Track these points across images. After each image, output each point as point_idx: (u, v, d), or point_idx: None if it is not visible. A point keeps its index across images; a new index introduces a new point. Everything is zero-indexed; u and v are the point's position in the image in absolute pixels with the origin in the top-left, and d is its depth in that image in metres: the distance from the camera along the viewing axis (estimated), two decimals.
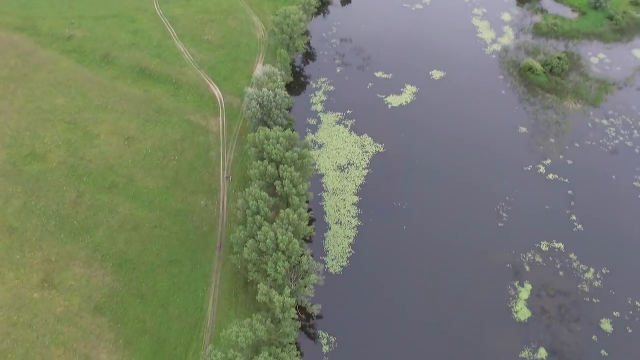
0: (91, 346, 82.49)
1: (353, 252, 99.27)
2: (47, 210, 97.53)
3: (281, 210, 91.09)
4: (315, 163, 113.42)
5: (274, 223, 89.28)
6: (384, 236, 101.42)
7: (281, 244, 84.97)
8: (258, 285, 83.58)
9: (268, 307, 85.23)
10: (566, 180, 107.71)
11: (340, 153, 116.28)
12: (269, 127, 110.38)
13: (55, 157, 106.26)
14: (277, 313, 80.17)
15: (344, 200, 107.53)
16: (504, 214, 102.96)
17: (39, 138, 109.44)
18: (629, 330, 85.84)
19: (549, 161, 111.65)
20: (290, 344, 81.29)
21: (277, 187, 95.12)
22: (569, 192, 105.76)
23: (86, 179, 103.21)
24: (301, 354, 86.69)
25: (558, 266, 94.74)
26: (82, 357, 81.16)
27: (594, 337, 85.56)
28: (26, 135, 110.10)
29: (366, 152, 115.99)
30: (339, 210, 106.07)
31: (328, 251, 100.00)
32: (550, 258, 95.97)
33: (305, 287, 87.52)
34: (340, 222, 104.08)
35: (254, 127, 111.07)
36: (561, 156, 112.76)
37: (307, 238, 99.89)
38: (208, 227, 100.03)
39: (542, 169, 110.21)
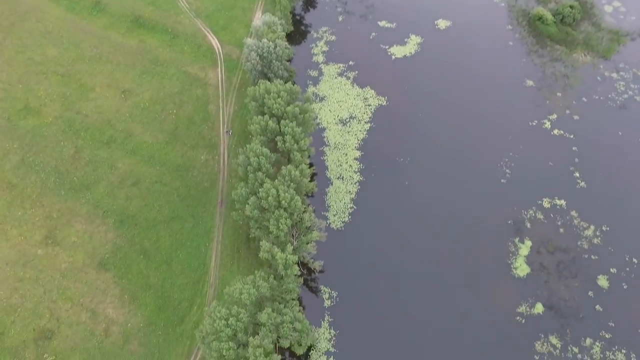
0: (97, 301, 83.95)
1: (355, 207, 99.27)
2: (46, 166, 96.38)
3: (283, 167, 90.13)
4: (317, 117, 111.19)
5: (276, 180, 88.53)
6: (385, 192, 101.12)
7: (283, 201, 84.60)
8: (260, 242, 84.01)
9: (270, 263, 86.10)
10: (572, 137, 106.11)
11: (342, 106, 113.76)
12: (269, 79, 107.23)
13: (50, 111, 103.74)
14: (279, 270, 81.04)
15: (346, 154, 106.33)
16: (507, 170, 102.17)
17: (33, 91, 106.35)
18: (625, 287, 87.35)
19: (555, 116, 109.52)
20: (293, 299, 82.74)
21: (278, 142, 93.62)
22: (574, 148, 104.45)
23: (84, 134, 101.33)
24: (303, 308, 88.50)
25: (559, 223, 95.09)
26: (89, 312, 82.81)
27: (590, 292, 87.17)
28: (19, 88, 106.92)
29: (369, 105, 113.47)
30: (340, 165, 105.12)
31: (330, 206, 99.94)
32: (552, 215, 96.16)
33: (308, 244, 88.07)
34: (342, 177, 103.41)
35: (253, 80, 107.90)
36: (568, 111, 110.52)
37: (309, 194, 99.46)
38: (209, 183, 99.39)
39: (547, 125, 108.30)
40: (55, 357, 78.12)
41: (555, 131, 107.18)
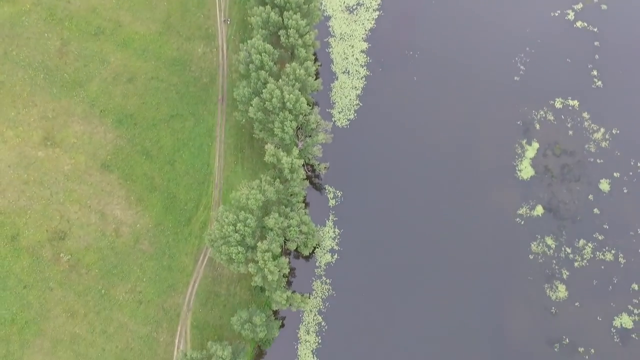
0: (104, 203, 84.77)
1: (361, 104, 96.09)
2: (32, 62, 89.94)
3: (287, 64, 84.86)
4: (322, 3, 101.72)
5: (280, 79, 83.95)
6: (393, 87, 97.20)
7: (288, 103, 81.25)
8: (265, 146, 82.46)
9: (275, 165, 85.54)
10: (595, 30, 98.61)
11: None
12: None
13: None
14: (285, 173, 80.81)
15: (352, 47, 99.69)
16: (522, 67, 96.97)
17: None
18: (625, 191, 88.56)
19: (580, 6, 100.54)
20: (299, 202, 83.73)
21: (281, 37, 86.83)
22: (596, 43, 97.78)
23: (68, 24, 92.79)
24: (307, 205, 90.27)
25: (569, 125, 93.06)
26: (97, 214, 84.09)
27: (590, 196, 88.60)
28: None
29: None
30: (346, 59, 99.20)
31: (335, 103, 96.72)
32: (563, 116, 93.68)
33: (314, 146, 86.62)
34: (348, 71, 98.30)
35: None
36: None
37: (314, 92, 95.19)
38: (208, 78, 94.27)
39: (570, 15, 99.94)
40: (71, 256, 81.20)
41: (579, 23, 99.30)
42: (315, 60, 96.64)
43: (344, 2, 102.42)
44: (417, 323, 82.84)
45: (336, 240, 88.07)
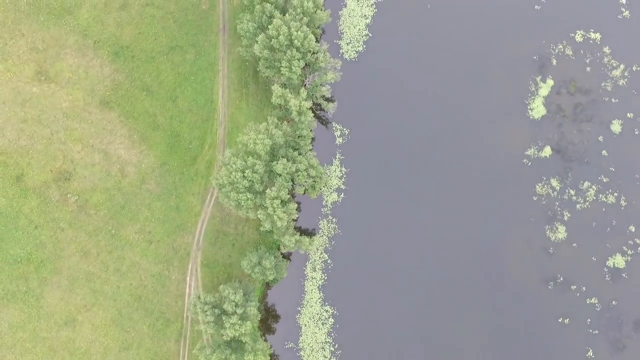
0: (107, 142, 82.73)
1: (370, 35, 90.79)
2: None
3: None
4: None
5: (286, 14, 78.04)
6: (405, 16, 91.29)
7: (296, 41, 76.51)
8: (272, 87, 78.95)
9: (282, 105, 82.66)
10: None
11: None
12: None
13: None
14: (293, 116, 78.48)
15: None
16: None
17: None
18: (636, 132, 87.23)
19: None
20: (306, 145, 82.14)
21: None
22: None
23: None
24: (312, 142, 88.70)
25: (587, 61, 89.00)
26: (101, 153, 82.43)
27: (600, 137, 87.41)
28: None
29: None
30: None
31: (343, 33, 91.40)
32: (582, 51, 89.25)
33: (322, 86, 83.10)
34: None
35: None
36: None
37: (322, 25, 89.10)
38: (208, 5, 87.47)
39: None
40: (78, 197, 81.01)
41: None
42: None
43: None
44: (420, 258, 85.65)
45: (343, 180, 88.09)
